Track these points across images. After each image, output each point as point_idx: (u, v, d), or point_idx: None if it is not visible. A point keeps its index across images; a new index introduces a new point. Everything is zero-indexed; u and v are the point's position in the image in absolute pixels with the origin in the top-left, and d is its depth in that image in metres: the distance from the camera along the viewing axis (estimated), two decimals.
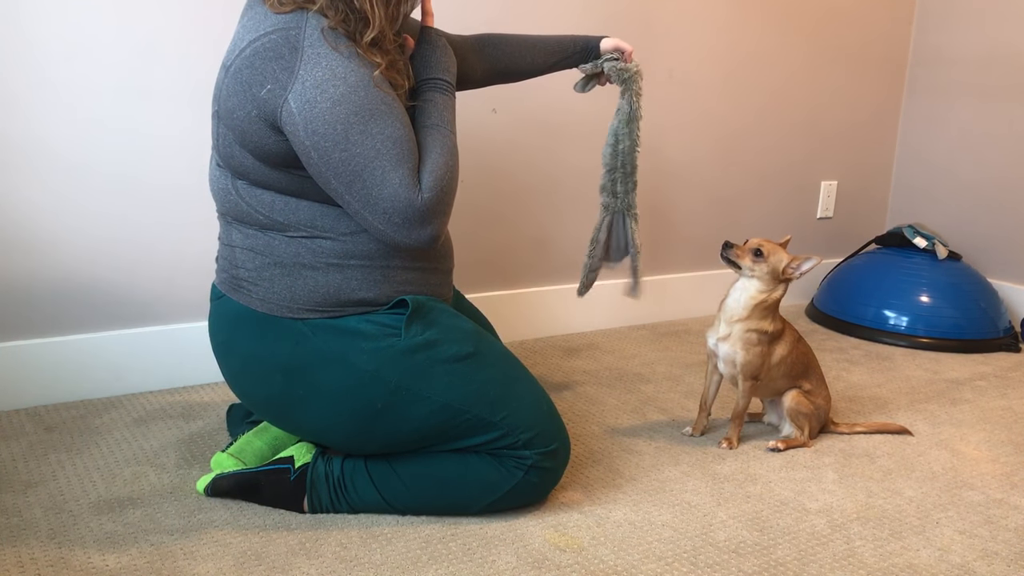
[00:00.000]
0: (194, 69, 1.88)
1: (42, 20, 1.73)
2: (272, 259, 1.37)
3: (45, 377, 1.85)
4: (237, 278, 1.41)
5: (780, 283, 1.70)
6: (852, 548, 1.40)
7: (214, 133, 1.38)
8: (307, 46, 1.25)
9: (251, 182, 1.36)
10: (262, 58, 1.26)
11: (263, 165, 1.33)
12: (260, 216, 1.37)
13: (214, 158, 1.42)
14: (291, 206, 1.36)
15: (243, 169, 1.35)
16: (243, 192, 1.37)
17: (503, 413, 1.39)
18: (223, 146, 1.36)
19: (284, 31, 1.26)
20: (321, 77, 1.24)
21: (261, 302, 1.38)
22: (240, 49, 1.29)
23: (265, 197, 1.36)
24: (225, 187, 1.39)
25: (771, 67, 2.73)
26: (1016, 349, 2.54)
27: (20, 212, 1.78)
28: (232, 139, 1.33)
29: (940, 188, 2.98)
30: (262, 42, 1.26)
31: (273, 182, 1.35)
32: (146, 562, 1.28)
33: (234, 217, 1.40)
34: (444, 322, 1.41)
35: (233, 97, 1.30)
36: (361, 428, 1.39)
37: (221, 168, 1.40)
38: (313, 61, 1.24)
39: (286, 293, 1.37)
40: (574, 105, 2.38)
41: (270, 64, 1.25)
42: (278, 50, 1.25)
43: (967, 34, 2.85)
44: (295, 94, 1.24)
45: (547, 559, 1.33)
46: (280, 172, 1.33)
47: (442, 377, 1.37)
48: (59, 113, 1.78)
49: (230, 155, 1.35)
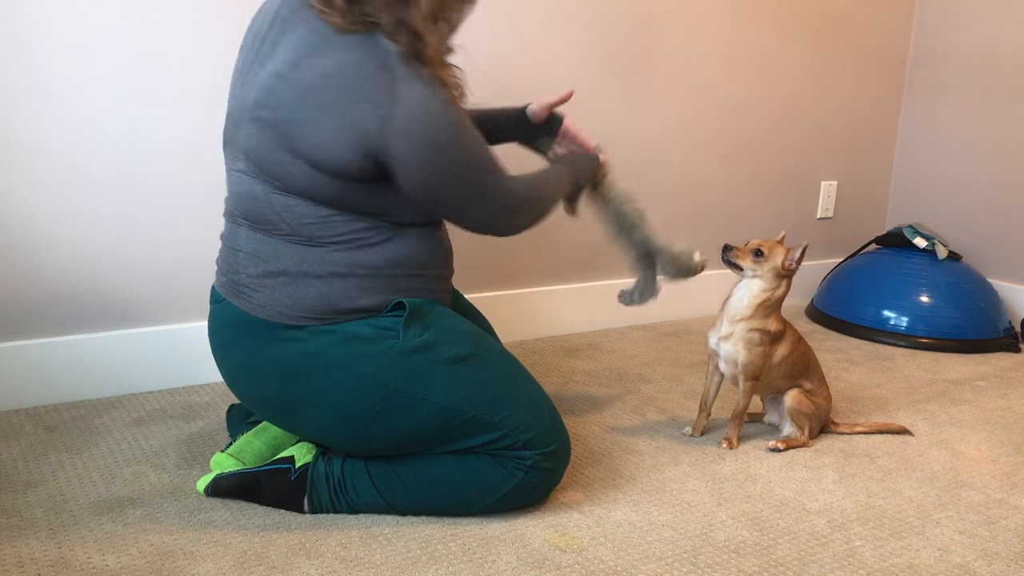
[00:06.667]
0: (194, 70, 1.88)
1: (41, 20, 1.73)
2: (275, 267, 1.37)
3: (45, 377, 1.85)
4: (238, 283, 1.41)
5: (782, 279, 1.70)
6: (852, 548, 1.40)
7: (250, 138, 1.34)
8: (396, 66, 1.28)
9: (289, 190, 1.34)
10: (352, 78, 1.27)
11: (318, 173, 1.31)
12: (284, 225, 1.35)
13: (238, 163, 1.38)
14: (323, 218, 1.35)
15: (287, 177, 1.32)
16: (276, 201, 1.35)
17: (502, 414, 1.39)
18: (263, 152, 1.33)
19: (369, 52, 1.28)
20: (420, 95, 1.27)
21: (261, 308, 1.38)
22: (315, 64, 1.28)
23: (298, 209, 1.34)
24: (253, 192, 1.36)
25: (771, 67, 2.73)
26: (1016, 349, 2.54)
27: (20, 212, 1.78)
28: (283, 145, 1.30)
29: (940, 188, 2.98)
30: (346, 59, 1.27)
31: (316, 191, 1.32)
32: (146, 562, 1.28)
33: (253, 221, 1.38)
34: (442, 324, 1.41)
35: (306, 110, 1.28)
36: (360, 430, 1.39)
37: (255, 173, 1.36)
38: (406, 82, 1.27)
39: (287, 301, 1.37)
40: (574, 104, 2.38)
41: (363, 83, 1.27)
42: (368, 70, 1.27)
43: (967, 34, 2.85)
44: (399, 111, 1.26)
45: (547, 559, 1.33)
46: (335, 181, 1.31)
47: (441, 378, 1.37)
48: (59, 114, 1.78)
49: (274, 162, 1.32)
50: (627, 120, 2.49)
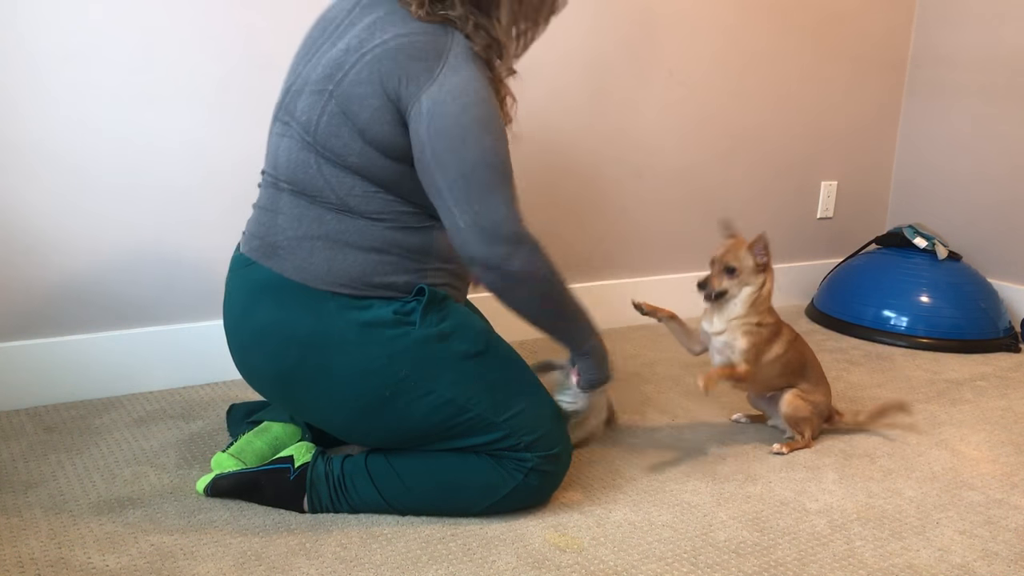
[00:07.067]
0: (194, 71, 1.88)
1: (41, 22, 1.73)
2: (317, 231, 1.37)
3: (45, 377, 1.85)
4: (274, 244, 1.40)
5: (762, 273, 1.70)
6: (852, 548, 1.40)
7: (311, 110, 1.36)
8: (451, 56, 1.31)
9: (342, 164, 1.36)
10: (407, 55, 1.30)
11: (371, 149, 1.34)
12: (331, 195, 1.37)
13: (292, 132, 1.39)
14: (370, 194, 1.37)
15: (344, 150, 1.34)
16: (326, 171, 1.36)
17: (507, 414, 1.39)
18: (325, 124, 1.35)
19: (433, 37, 1.31)
20: (456, 83, 1.29)
21: (295, 270, 1.37)
22: (383, 40, 1.31)
23: (348, 180, 1.36)
24: (306, 161, 1.38)
25: (771, 67, 2.73)
26: (1016, 349, 2.54)
27: (20, 213, 1.78)
28: (342, 119, 1.33)
29: (940, 188, 2.98)
30: (410, 39, 1.30)
31: (368, 168, 1.35)
32: (146, 562, 1.28)
33: (299, 188, 1.39)
34: (458, 316, 1.42)
35: (364, 84, 1.31)
36: (364, 415, 1.39)
37: (309, 145, 1.37)
38: (454, 69, 1.30)
39: (324, 266, 1.37)
40: (573, 103, 2.38)
41: (414, 63, 1.30)
42: (424, 52, 1.30)
43: (967, 34, 2.85)
44: (429, 94, 1.29)
45: (547, 559, 1.33)
46: (385, 160, 1.34)
47: (450, 372, 1.37)
48: (58, 115, 1.78)
49: (332, 133, 1.34)
50: (627, 120, 2.49)
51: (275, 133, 1.45)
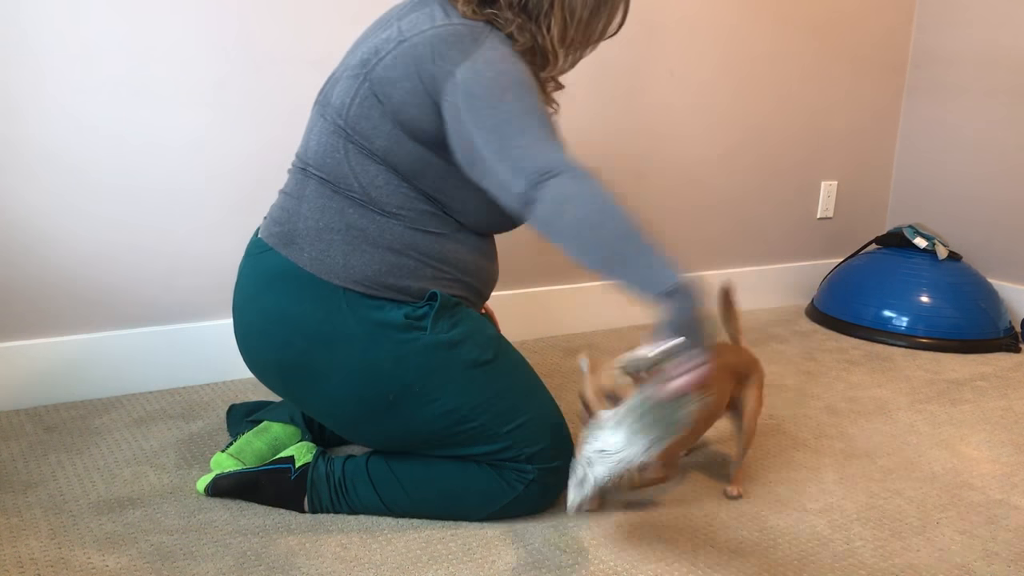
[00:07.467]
0: (194, 70, 1.88)
1: (41, 21, 1.74)
2: (338, 224, 1.37)
3: (45, 377, 1.85)
4: (293, 232, 1.39)
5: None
6: (852, 548, 1.40)
7: (345, 94, 1.37)
8: (488, 40, 1.32)
9: (369, 149, 1.36)
10: (443, 40, 1.31)
11: (398, 131, 1.34)
12: (355, 184, 1.37)
13: (327, 118, 1.40)
14: (392, 186, 1.37)
15: (372, 132, 1.35)
16: (353, 157, 1.37)
17: (510, 426, 1.38)
18: (358, 106, 1.36)
19: (473, 27, 1.33)
20: (492, 56, 1.31)
21: (311, 261, 1.37)
22: (422, 30, 1.33)
23: (372, 169, 1.37)
24: (334, 146, 1.38)
25: (771, 67, 2.73)
26: (1016, 349, 2.54)
27: (20, 213, 1.78)
28: (374, 101, 1.34)
29: (940, 188, 2.98)
30: (447, 29, 1.32)
31: (393, 152, 1.35)
32: (146, 562, 1.28)
33: (325, 175, 1.39)
34: (469, 323, 1.41)
35: (398, 67, 1.32)
36: (366, 416, 1.39)
37: (339, 129, 1.38)
38: (490, 48, 1.31)
39: (340, 260, 1.36)
40: (573, 103, 2.38)
41: (450, 48, 1.31)
42: (461, 37, 1.31)
43: (967, 35, 2.85)
44: (463, 68, 1.29)
45: (547, 559, 1.33)
46: (412, 143, 1.35)
47: (456, 382, 1.37)
48: (58, 115, 1.78)
49: (363, 115, 1.35)
50: (627, 120, 2.49)
51: (311, 118, 1.46)
